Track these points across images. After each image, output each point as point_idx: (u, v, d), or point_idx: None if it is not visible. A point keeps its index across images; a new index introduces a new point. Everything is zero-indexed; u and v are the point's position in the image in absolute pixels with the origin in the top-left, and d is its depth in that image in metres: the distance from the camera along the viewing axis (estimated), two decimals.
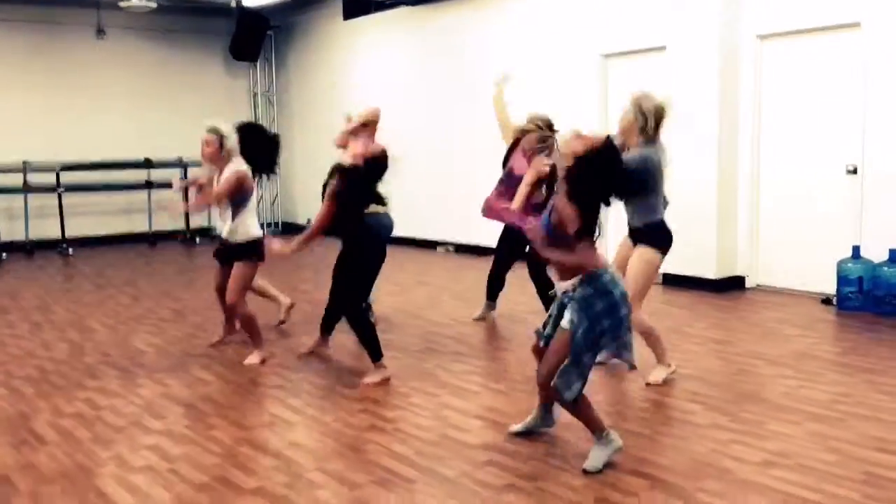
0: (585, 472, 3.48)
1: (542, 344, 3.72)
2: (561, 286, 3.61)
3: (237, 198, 5.34)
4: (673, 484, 3.37)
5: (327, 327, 5.55)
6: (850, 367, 5.06)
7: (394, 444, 3.89)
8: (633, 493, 3.29)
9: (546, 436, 3.93)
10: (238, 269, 5.35)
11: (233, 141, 5.41)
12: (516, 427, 3.95)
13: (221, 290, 5.53)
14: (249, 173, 5.41)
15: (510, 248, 6.31)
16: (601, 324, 3.45)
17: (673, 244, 4.89)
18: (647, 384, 4.67)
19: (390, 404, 4.51)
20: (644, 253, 4.71)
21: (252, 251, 5.40)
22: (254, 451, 3.85)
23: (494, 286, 6.47)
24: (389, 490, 3.37)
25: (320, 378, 5.06)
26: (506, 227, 6.17)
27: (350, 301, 4.99)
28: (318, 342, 5.57)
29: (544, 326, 3.73)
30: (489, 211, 5.47)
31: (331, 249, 5.24)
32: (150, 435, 4.08)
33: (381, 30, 11.67)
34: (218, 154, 5.37)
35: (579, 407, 3.55)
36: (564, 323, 3.53)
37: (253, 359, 5.33)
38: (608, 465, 3.52)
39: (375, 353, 4.95)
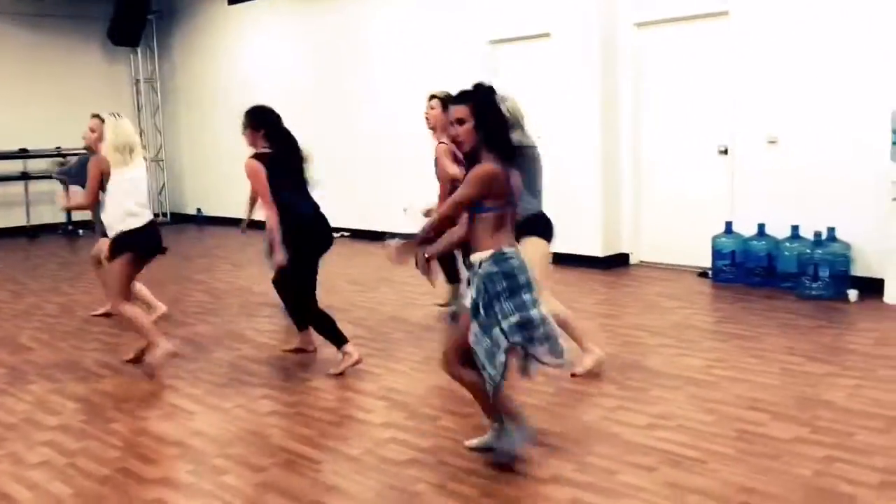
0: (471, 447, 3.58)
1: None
2: (472, 257, 3.40)
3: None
4: (566, 450, 3.58)
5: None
6: (724, 335, 5.44)
7: (296, 428, 3.95)
8: (529, 459, 3.48)
9: (446, 412, 4.08)
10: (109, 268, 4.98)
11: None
12: (472, 442, 3.65)
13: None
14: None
15: None
16: (500, 303, 3.24)
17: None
18: (573, 375, 4.53)
19: (291, 389, 4.56)
20: (535, 244, 4.78)
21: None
22: (155, 441, 3.84)
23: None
24: (295, 471, 3.44)
25: (218, 367, 5.04)
26: None
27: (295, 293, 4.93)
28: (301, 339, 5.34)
29: None
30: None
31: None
32: (45, 431, 4.00)
33: (267, 16, 11.52)
34: (100, 141, 5.14)
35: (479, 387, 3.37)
36: (467, 302, 3.37)
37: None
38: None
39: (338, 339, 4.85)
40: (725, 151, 7.29)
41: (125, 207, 4.82)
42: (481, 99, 3.37)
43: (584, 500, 3.10)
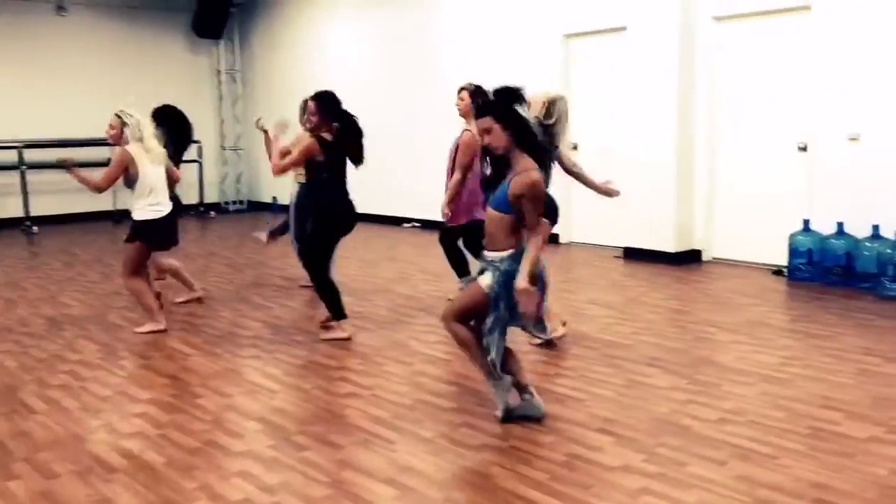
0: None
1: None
2: (488, 255, 3.73)
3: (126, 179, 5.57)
4: (635, 440, 3.64)
5: None
6: (799, 333, 5.39)
7: (372, 409, 4.09)
8: (598, 448, 3.55)
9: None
10: (124, 249, 5.66)
11: (134, 126, 5.52)
12: (498, 412, 3.90)
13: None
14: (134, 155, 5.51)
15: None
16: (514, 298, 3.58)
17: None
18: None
19: (366, 373, 4.71)
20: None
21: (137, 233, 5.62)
22: (239, 417, 4.03)
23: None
24: (371, 450, 3.58)
25: (296, 349, 5.23)
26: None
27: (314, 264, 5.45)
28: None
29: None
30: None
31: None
32: (138, 404, 4.23)
33: (343, 8, 11.74)
34: (119, 137, 5.55)
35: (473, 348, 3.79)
36: (484, 284, 3.67)
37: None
38: (568, 416, 3.78)
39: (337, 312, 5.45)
40: (805, 148, 7.18)
41: (148, 199, 5.56)
42: (499, 105, 3.68)
43: (653, 489, 3.15)
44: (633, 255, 8.05)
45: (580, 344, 5.19)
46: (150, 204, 5.58)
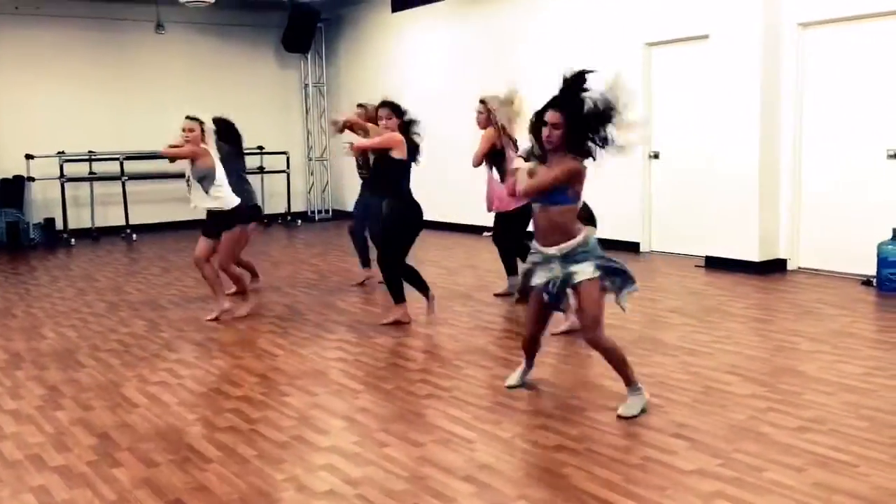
0: (620, 417, 3.99)
1: (548, 300, 4.11)
2: (548, 251, 4.01)
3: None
4: (711, 445, 3.66)
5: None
6: (887, 344, 5.27)
7: (451, 409, 4.22)
8: (673, 451, 3.59)
9: (593, 404, 4.24)
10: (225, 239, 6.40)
11: (208, 129, 6.39)
12: (512, 380, 4.56)
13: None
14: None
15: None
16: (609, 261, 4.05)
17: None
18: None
19: (446, 375, 4.84)
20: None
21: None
22: (325, 414, 4.22)
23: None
24: (450, 448, 3.71)
25: (378, 352, 5.41)
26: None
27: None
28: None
29: (545, 286, 4.08)
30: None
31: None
32: (230, 400, 4.47)
33: (428, 21, 11.98)
34: (200, 138, 6.29)
35: (617, 353, 4.07)
36: (588, 273, 3.95)
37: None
38: (643, 421, 3.82)
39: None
40: (895, 155, 7.00)
41: (225, 189, 6.34)
42: (573, 108, 4.06)
43: (728, 493, 3.18)
44: (715, 264, 7.97)
45: (659, 351, 5.21)
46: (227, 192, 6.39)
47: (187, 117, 6.35)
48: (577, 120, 3.98)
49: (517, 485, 3.33)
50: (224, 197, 6.34)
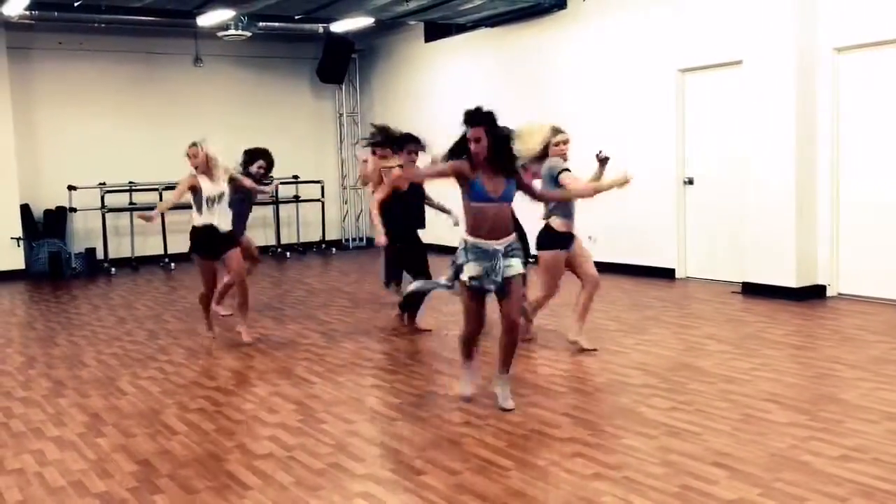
0: (505, 409, 4.59)
1: (493, 288, 4.53)
2: (494, 244, 4.48)
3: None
4: (751, 474, 3.61)
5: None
6: None
7: (487, 437, 4.22)
8: (713, 481, 3.55)
9: (629, 431, 4.21)
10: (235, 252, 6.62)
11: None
12: (466, 390, 4.89)
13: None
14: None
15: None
16: None
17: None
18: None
19: (481, 403, 4.84)
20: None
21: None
22: (361, 441, 4.24)
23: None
24: (486, 476, 3.71)
25: (414, 379, 5.43)
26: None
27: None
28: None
29: (480, 279, 4.50)
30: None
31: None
32: (267, 427, 4.52)
33: (462, 51, 12.10)
34: (205, 162, 6.52)
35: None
36: (520, 268, 4.54)
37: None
38: (682, 449, 3.79)
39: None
40: None
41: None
42: (489, 122, 4.48)
43: None
44: (752, 290, 7.88)
45: (696, 379, 5.16)
46: None
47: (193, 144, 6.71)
48: (497, 131, 4.48)
49: None
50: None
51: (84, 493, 3.68)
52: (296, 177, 13.46)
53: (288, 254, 13.01)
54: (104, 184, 12.00)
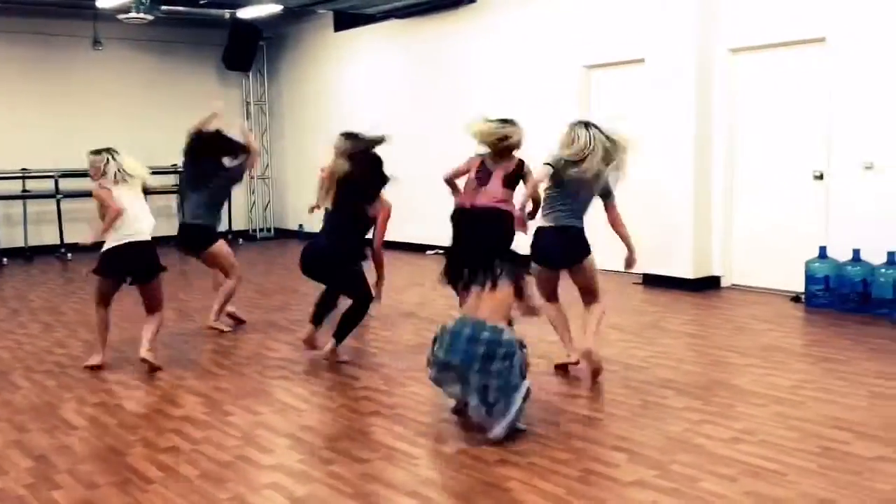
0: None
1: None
2: None
3: None
4: (649, 457, 3.77)
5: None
6: (813, 357, 5.50)
7: (395, 427, 4.26)
8: (614, 464, 3.68)
9: (539, 421, 4.32)
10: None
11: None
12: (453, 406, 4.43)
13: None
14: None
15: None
16: None
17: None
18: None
19: (390, 393, 4.88)
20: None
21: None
22: (269, 433, 4.21)
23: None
24: (395, 465, 3.75)
25: (322, 370, 5.41)
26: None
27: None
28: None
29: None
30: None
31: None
32: (172, 420, 4.43)
33: (371, 42, 12.06)
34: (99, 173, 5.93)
35: None
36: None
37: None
38: (585, 434, 3.92)
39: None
40: (821, 177, 7.30)
41: None
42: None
43: (665, 503, 3.28)
44: (652, 281, 8.17)
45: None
46: None
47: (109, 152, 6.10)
48: None
49: (460, 498, 3.39)
50: None
51: None
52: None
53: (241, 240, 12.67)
54: None
